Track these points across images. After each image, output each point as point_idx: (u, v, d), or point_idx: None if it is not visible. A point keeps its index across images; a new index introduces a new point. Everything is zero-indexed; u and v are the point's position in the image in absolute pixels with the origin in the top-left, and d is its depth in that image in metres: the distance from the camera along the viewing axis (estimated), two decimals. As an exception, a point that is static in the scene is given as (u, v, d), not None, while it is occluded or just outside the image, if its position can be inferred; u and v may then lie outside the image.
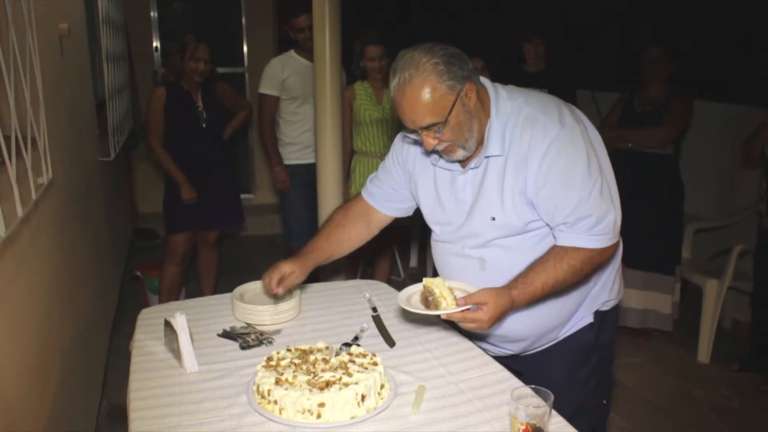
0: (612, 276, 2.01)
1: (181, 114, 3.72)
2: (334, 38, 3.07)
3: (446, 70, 1.68)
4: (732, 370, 3.71)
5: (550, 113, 1.76)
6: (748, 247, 3.73)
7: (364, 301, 2.22)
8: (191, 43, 3.65)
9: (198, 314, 2.14)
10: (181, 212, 3.81)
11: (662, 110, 3.72)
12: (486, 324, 1.66)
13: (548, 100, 1.83)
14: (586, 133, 1.78)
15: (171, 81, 3.74)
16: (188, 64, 3.65)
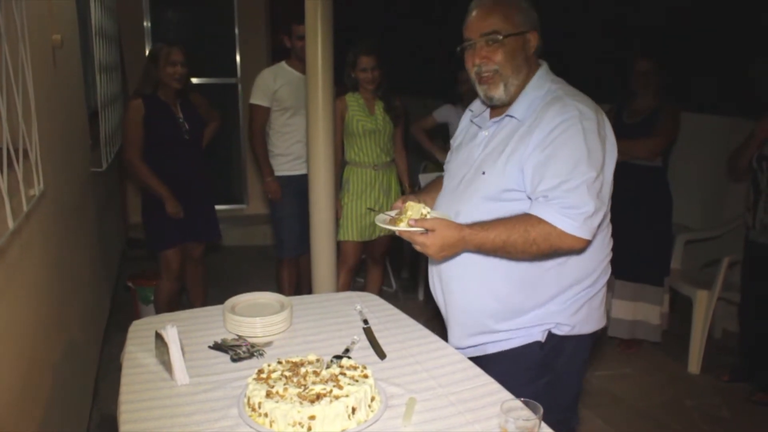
0: (576, 300, 1.95)
1: (163, 126, 3.63)
2: (326, 48, 3.09)
3: (527, 7, 1.89)
4: (722, 380, 3.73)
5: (577, 100, 1.83)
6: (737, 257, 3.76)
7: (356, 313, 2.23)
8: (164, 48, 3.56)
9: (189, 326, 2.13)
10: (167, 227, 3.72)
11: (651, 122, 3.76)
12: (431, 249, 1.78)
13: (585, 97, 1.87)
14: (603, 132, 1.82)
15: (147, 93, 3.61)
16: (165, 70, 3.54)
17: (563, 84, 1.93)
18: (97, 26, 3.97)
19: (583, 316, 1.98)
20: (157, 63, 3.55)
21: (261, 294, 2.26)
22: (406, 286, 5.23)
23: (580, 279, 1.94)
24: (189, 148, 3.74)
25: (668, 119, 3.71)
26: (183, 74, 3.60)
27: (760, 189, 3.40)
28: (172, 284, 3.84)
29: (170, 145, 3.67)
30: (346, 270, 3.88)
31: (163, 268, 3.82)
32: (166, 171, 3.64)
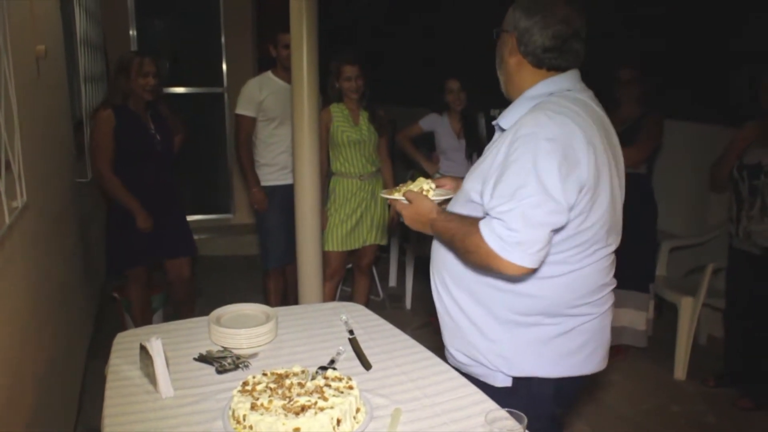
0: (509, 335, 1.80)
1: (134, 138, 3.54)
2: (311, 58, 3.10)
3: (520, 9, 1.78)
4: (708, 385, 3.75)
5: (551, 115, 1.66)
6: (721, 264, 3.78)
7: (341, 324, 2.23)
8: (135, 59, 3.49)
9: (175, 338, 2.13)
10: (135, 245, 3.62)
11: (635, 131, 3.78)
12: (405, 218, 1.91)
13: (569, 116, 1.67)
14: (576, 157, 1.63)
15: (117, 103, 3.50)
16: (136, 81, 3.47)
17: (564, 99, 1.74)
18: (82, 35, 3.96)
19: (552, 362, 1.81)
20: (128, 73, 3.47)
21: (246, 305, 2.25)
22: (394, 295, 5.23)
23: (535, 312, 1.77)
24: (160, 160, 3.66)
25: (651, 127, 3.74)
26: (154, 85, 3.53)
27: (742, 198, 3.43)
28: (141, 292, 3.79)
29: (141, 157, 3.58)
30: (332, 280, 3.88)
31: (131, 282, 3.76)
32: (137, 184, 3.55)
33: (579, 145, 1.64)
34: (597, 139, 1.69)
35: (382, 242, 4.02)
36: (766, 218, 3.31)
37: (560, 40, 1.74)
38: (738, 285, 3.59)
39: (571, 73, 1.81)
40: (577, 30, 1.75)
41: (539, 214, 1.58)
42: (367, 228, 3.88)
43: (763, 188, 3.31)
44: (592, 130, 1.69)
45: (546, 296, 1.75)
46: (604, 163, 1.70)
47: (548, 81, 1.79)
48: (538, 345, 1.79)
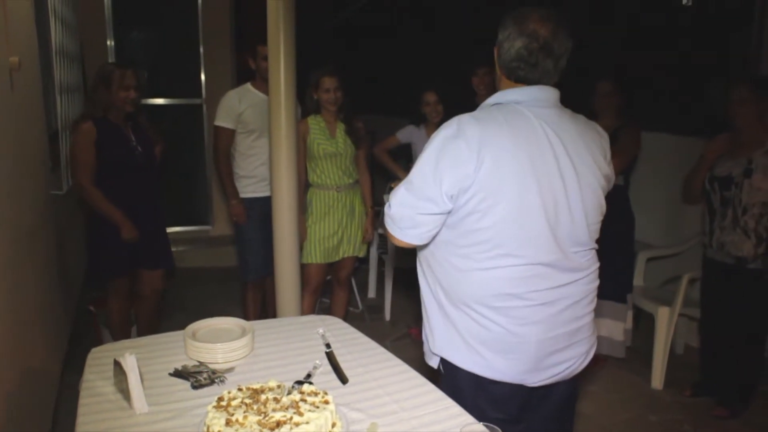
0: (438, 323, 1.92)
1: (116, 150, 3.51)
2: (289, 70, 3.10)
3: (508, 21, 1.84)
4: (684, 395, 3.78)
5: (473, 118, 1.78)
6: (697, 274, 3.83)
7: (318, 337, 2.22)
8: (116, 71, 3.46)
9: (150, 352, 2.11)
10: (118, 254, 3.59)
11: (611, 143, 3.81)
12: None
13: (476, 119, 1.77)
14: (463, 148, 1.72)
15: (98, 116, 3.47)
16: (118, 94, 3.45)
17: (508, 109, 1.82)
18: (57, 46, 3.93)
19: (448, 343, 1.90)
20: (110, 86, 3.45)
21: (222, 319, 2.24)
22: (373, 306, 5.22)
23: (447, 294, 1.88)
24: (142, 172, 3.63)
25: (627, 139, 3.77)
26: (136, 98, 3.52)
27: (714, 209, 3.47)
28: (122, 305, 3.75)
29: (123, 169, 3.56)
30: (310, 292, 3.86)
31: (112, 293, 3.72)
32: (120, 196, 3.53)
33: (473, 148, 1.72)
34: (515, 152, 1.73)
35: (360, 254, 4.02)
36: (738, 228, 3.35)
37: (527, 52, 1.79)
38: (712, 295, 3.63)
39: (535, 88, 1.84)
40: (546, 45, 1.78)
41: (408, 197, 1.80)
42: (345, 240, 3.87)
43: (734, 199, 3.35)
44: (511, 142, 1.74)
45: (461, 287, 1.84)
46: (522, 174, 1.74)
47: (503, 92, 1.87)
48: (452, 329, 1.88)
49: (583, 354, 1.93)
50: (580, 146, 1.85)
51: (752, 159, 3.29)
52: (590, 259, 1.94)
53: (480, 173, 1.72)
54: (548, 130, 1.80)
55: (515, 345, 1.81)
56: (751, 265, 3.35)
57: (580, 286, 1.89)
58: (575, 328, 1.88)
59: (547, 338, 1.82)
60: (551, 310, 1.82)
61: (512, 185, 1.73)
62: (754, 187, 3.28)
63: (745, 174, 3.30)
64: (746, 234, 3.33)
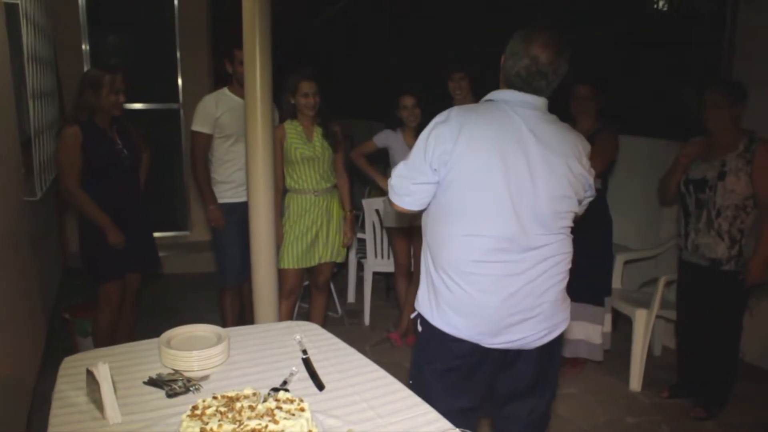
0: (424, 284, 2.22)
1: (102, 154, 3.50)
2: (265, 75, 3.08)
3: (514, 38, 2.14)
4: (662, 396, 3.81)
5: (463, 109, 2.15)
6: (674, 276, 3.86)
7: (295, 344, 2.20)
8: (106, 75, 3.46)
9: (125, 361, 2.08)
10: (108, 258, 3.58)
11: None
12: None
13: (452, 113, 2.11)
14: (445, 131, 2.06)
15: (84, 119, 3.46)
16: (108, 98, 3.45)
17: (496, 105, 2.12)
18: (30, 51, 3.87)
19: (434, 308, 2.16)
20: (99, 90, 3.44)
21: (198, 326, 2.21)
22: (352, 311, 5.21)
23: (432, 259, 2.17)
24: (128, 175, 3.64)
25: (604, 143, 3.78)
26: (123, 102, 3.55)
27: (689, 211, 3.50)
28: (112, 316, 3.69)
29: (109, 172, 3.55)
30: (287, 297, 3.83)
31: (103, 300, 3.67)
32: (106, 199, 3.52)
33: (454, 131, 2.04)
34: (488, 138, 2.04)
35: (338, 260, 3.98)
36: (712, 231, 3.38)
37: (526, 73, 2.08)
38: (688, 297, 3.66)
39: (521, 93, 2.11)
40: (543, 69, 2.06)
41: (404, 169, 2.15)
42: (323, 244, 3.85)
43: (709, 202, 3.38)
44: (487, 130, 2.05)
45: (440, 253, 2.12)
46: (491, 157, 2.02)
47: (497, 91, 2.18)
48: (431, 291, 2.17)
49: (541, 331, 2.13)
50: (553, 144, 2.08)
51: (726, 162, 3.33)
52: (555, 245, 2.13)
53: (456, 151, 2.02)
54: (524, 126, 2.06)
55: (475, 310, 2.08)
56: (725, 266, 3.38)
57: (539, 267, 2.09)
58: (532, 305, 2.09)
59: (503, 308, 2.07)
60: (509, 283, 2.06)
61: (480, 165, 2.03)
62: (727, 189, 3.31)
63: (719, 177, 3.34)
64: (720, 236, 3.37)
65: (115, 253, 3.57)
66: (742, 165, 3.29)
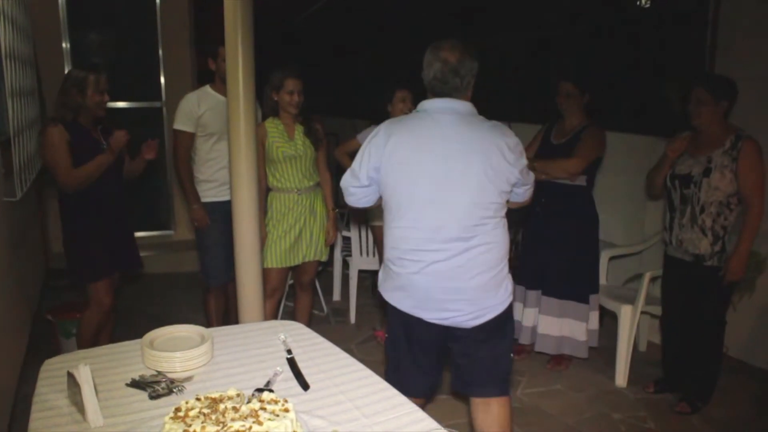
0: (383, 268, 2.61)
1: (88, 153, 3.44)
2: (248, 73, 3.05)
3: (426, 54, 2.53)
4: (648, 392, 3.82)
5: (392, 122, 2.53)
6: (658, 272, 3.88)
7: (279, 343, 2.18)
8: (91, 75, 3.43)
9: (107, 362, 2.06)
10: (98, 257, 3.54)
11: (574, 142, 3.84)
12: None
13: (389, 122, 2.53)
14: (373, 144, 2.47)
15: (68, 119, 3.41)
16: (93, 98, 3.43)
17: (419, 114, 2.50)
18: (7, 50, 3.81)
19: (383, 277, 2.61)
20: (83, 90, 3.41)
21: (181, 327, 2.19)
22: (338, 309, 5.19)
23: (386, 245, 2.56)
24: (113, 174, 3.58)
25: (588, 140, 3.79)
26: (107, 101, 3.53)
27: (674, 206, 3.51)
28: (101, 317, 3.62)
29: None
30: (272, 297, 3.80)
31: (93, 301, 3.59)
32: (92, 199, 3.48)
33: (383, 139, 2.44)
34: (410, 144, 2.40)
35: (322, 258, 3.95)
36: (696, 227, 3.40)
37: (440, 74, 2.43)
38: (672, 292, 3.68)
39: (442, 100, 2.46)
40: (453, 68, 2.41)
41: (348, 175, 2.56)
42: (306, 243, 3.82)
43: (693, 197, 3.39)
44: (409, 136, 2.41)
45: (387, 242, 2.54)
46: (412, 159, 2.38)
47: (422, 102, 2.52)
48: (385, 272, 2.60)
49: (471, 312, 2.45)
50: (470, 143, 2.38)
51: (712, 158, 3.34)
52: (480, 236, 2.40)
53: (384, 156, 2.43)
54: (444, 130, 2.40)
55: (411, 289, 2.46)
56: (708, 262, 3.40)
57: (465, 255, 2.40)
58: (458, 287, 2.41)
59: (433, 289, 2.42)
60: (438, 269, 2.40)
61: (405, 168, 2.40)
62: (711, 186, 3.32)
63: (704, 173, 3.35)
64: (703, 232, 3.38)
65: (105, 253, 3.55)
66: (727, 162, 3.29)
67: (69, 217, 3.54)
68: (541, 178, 3.92)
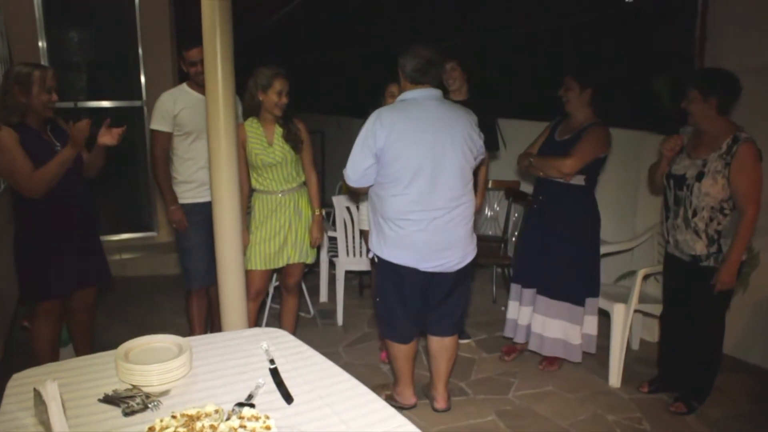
0: (374, 231, 3.22)
1: (42, 158, 3.10)
2: (227, 72, 2.93)
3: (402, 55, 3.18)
4: (642, 392, 3.74)
5: (386, 109, 3.09)
6: (651, 270, 3.79)
7: (262, 353, 2.08)
8: (35, 72, 3.09)
9: (79, 376, 1.95)
10: (52, 273, 3.23)
11: (576, 141, 3.71)
12: None
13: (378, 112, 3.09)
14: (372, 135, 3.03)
15: (14, 122, 3.06)
16: (39, 98, 3.08)
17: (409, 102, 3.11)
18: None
19: (377, 243, 3.21)
20: (28, 89, 3.07)
21: (157, 337, 2.08)
22: (325, 311, 5.08)
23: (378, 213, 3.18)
24: (73, 174, 3.26)
25: (588, 140, 3.63)
26: (56, 101, 3.19)
27: (669, 206, 3.43)
28: (53, 328, 3.39)
29: None
30: (252, 299, 3.68)
31: (42, 314, 3.35)
32: (51, 208, 3.19)
33: (385, 127, 3.00)
34: (409, 128, 3.01)
35: (308, 261, 3.84)
36: (689, 228, 3.31)
37: (419, 65, 3.06)
38: (672, 290, 3.59)
39: (425, 89, 3.11)
40: (430, 60, 3.07)
41: (356, 161, 3.08)
42: (292, 244, 3.71)
43: (685, 200, 3.30)
44: (407, 122, 3.01)
45: (383, 207, 3.12)
46: (412, 141, 3.00)
47: (407, 92, 3.14)
48: (381, 235, 3.18)
49: (457, 257, 3.19)
50: (453, 122, 3.09)
51: (707, 162, 3.23)
52: (463, 197, 3.14)
53: (389, 140, 2.99)
54: (431, 113, 3.07)
55: (410, 244, 3.10)
56: (704, 263, 3.31)
57: (453, 212, 3.11)
58: (447, 239, 3.12)
59: (428, 242, 3.09)
60: (429, 226, 3.08)
61: (406, 147, 3.00)
62: (702, 191, 3.23)
63: (697, 177, 3.25)
64: (697, 234, 3.29)
65: (60, 268, 3.27)
66: (720, 167, 3.18)
67: (23, 224, 3.25)
68: (539, 174, 3.83)
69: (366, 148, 3.02)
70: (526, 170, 3.94)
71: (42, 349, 3.40)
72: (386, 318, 3.35)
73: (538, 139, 3.99)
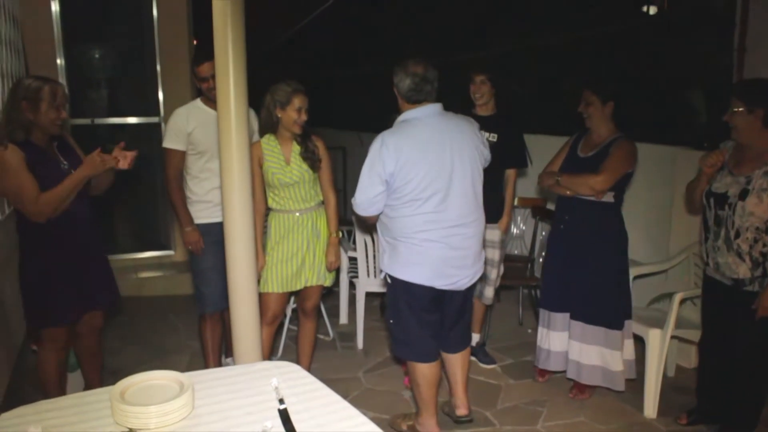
0: (386, 251, 3.15)
1: (48, 177, 2.97)
2: (239, 87, 2.77)
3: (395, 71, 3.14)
4: (680, 423, 3.51)
5: (389, 133, 3.00)
6: (689, 293, 3.57)
7: (271, 391, 1.91)
8: (44, 87, 2.95)
9: (73, 416, 1.79)
10: (59, 300, 3.11)
11: (602, 156, 3.53)
12: None
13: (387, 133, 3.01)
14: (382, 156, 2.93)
15: (19, 140, 2.92)
16: (47, 114, 2.94)
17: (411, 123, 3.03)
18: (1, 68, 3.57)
19: (390, 261, 3.12)
20: (37, 104, 2.93)
21: (156, 373, 1.91)
22: (344, 333, 4.90)
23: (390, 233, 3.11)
24: (79, 198, 3.12)
25: (616, 155, 3.46)
26: (65, 118, 3.06)
27: (708, 227, 3.20)
28: (59, 354, 3.27)
29: None
30: (268, 324, 3.51)
31: (47, 340, 3.23)
32: (58, 229, 3.06)
33: (392, 152, 2.92)
34: (417, 149, 2.93)
35: (326, 283, 3.66)
36: (731, 251, 3.08)
37: (414, 84, 2.99)
38: (712, 315, 3.35)
39: (425, 106, 3.04)
40: (424, 77, 2.98)
41: (365, 189, 3.00)
42: (309, 266, 3.54)
43: (728, 220, 3.08)
44: (414, 143, 2.94)
45: (396, 227, 3.05)
46: (422, 162, 2.93)
47: (406, 112, 3.06)
48: (394, 253, 3.10)
49: (468, 275, 3.14)
50: (460, 136, 3.04)
51: (751, 179, 3.01)
52: (475, 212, 3.09)
53: (399, 164, 2.92)
54: (435, 131, 2.99)
55: (425, 261, 3.03)
56: (748, 287, 3.07)
57: (469, 227, 3.07)
58: (466, 254, 3.08)
59: (443, 259, 3.03)
60: (444, 243, 3.02)
61: (416, 168, 2.93)
62: (746, 210, 3.00)
63: (741, 195, 3.02)
64: (740, 257, 3.05)
65: (67, 295, 3.14)
66: (766, 185, 2.95)
67: (26, 248, 3.13)
68: (566, 193, 3.64)
69: (374, 174, 2.95)
70: (550, 189, 3.75)
71: (49, 376, 3.27)
72: (402, 339, 3.22)
73: (558, 155, 3.81)
